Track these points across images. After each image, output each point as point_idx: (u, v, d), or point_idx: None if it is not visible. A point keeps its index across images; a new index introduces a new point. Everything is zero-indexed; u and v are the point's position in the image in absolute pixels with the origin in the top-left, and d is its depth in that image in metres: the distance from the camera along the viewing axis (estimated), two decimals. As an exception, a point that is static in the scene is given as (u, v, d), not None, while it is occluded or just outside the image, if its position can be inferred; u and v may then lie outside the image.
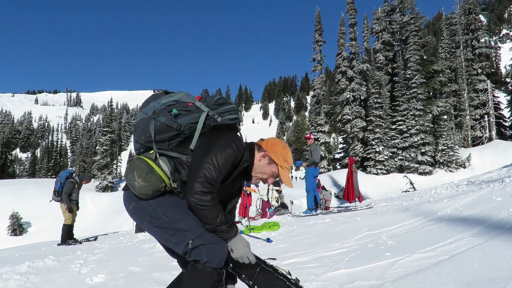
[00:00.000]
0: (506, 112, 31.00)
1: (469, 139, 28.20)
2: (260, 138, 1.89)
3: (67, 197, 7.74)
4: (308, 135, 9.33)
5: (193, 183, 1.54)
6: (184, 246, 1.56)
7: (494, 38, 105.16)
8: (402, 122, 25.83)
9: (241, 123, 1.88)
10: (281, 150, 1.78)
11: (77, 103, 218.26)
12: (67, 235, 7.92)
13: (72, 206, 7.91)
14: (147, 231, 1.70)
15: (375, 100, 26.50)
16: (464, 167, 23.76)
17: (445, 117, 26.94)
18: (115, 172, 41.17)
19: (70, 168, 73.82)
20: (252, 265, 1.68)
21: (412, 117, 25.42)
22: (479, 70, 28.91)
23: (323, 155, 27.76)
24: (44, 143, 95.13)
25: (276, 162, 1.76)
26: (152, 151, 1.68)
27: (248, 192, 9.02)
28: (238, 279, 1.80)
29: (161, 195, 1.64)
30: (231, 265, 1.71)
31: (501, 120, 29.93)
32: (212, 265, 1.53)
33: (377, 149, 25.04)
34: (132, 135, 1.82)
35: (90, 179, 8.45)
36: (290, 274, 1.77)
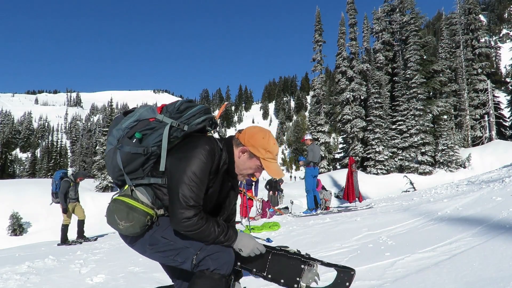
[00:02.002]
0: (506, 112, 30.99)
1: (469, 139, 28.20)
2: (238, 130, 1.72)
3: (63, 196, 7.77)
4: (303, 139, 9.29)
5: (174, 211, 1.46)
6: (190, 262, 1.52)
7: (494, 38, 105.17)
8: (402, 122, 25.83)
9: (214, 120, 1.70)
10: (260, 141, 1.61)
11: (77, 103, 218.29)
12: (66, 235, 7.97)
13: (71, 206, 7.95)
14: (151, 259, 1.64)
15: (375, 100, 26.50)
16: (464, 167, 23.75)
17: (445, 117, 26.93)
18: (115, 172, 41.20)
19: (70, 169, 73.95)
20: (262, 255, 1.64)
21: (412, 117, 25.42)
22: (479, 70, 28.90)
23: (323, 155, 27.76)
24: (44, 143, 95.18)
25: (256, 155, 1.61)
26: (126, 186, 1.58)
27: (248, 196, 9.03)
28: (243, 274, 1.77)
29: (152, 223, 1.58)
30: (238, 263, 1.67)
31: (501, 120, 29.91)
32: (221, 272, 1.50)
33: (377, 149, 25.03)
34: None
35: (85, 176, 8.52)
36: (299, 252, 1.73)
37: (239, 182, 1.86)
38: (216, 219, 1.60)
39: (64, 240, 7.88)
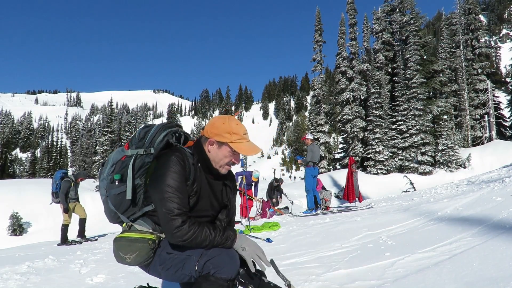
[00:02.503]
0: (506, 112, 30.97)
1: (469, 139, 28.19)
2: (201, 129, 1.77)
3: (64, 196, 7.77)
4: (303, 137, 9.32)
5: (165, 226, 1.54)
6: (194, 270, 1.54)
7: (494, 38, 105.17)
8: (402, 122, 25.83)
9: (176, 130, 1.74)
10: (221, 127, 1.64)
11: (77, 103, 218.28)
12: (66, 235, 7.96)
13: (71, 206, 7.95)
14: (168, 280, 1.70)
15: (375, 100, 26.50)
16: (464, 167, 23.74)
17: (445, 117, 26.93)
18: (115, 172, 41.15)
19: (70, 169, 73.91)
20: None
21: (412, 117, 25.41)
22: (479, 70, 28.89)
23: (323, 155, 27.76)
24: (44, 143, 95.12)
25: (223, 142, 1.63)
26: (124, 223, 1.70)
27: (248, 196, 9.03)
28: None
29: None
30: (241, 270, 1.67)
31: (501, 120, 29.91)
32: (222, 275, 1.50)
33: (377, 149, 25.03)
34: None
35: (86, 176, 8.52)
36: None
37: (239, 182, 1.88)
38: (210, 223, 1.64)
39: (64, 240, 7.88)
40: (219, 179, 1.75)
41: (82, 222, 8.21)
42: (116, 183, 1.64)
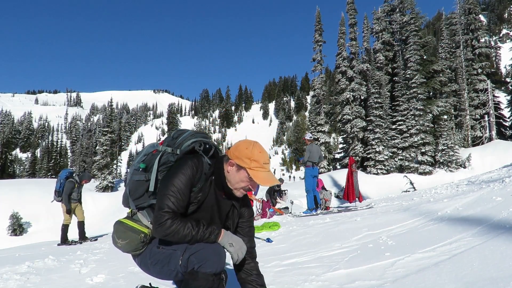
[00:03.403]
0: (506, 112, 30.97)
1: (469, 139, 28.19)
2: (228, 147, 1.83)
3: (67, 197, 7.75)
4: (303, 137, 9.35)
5: (153, 218, 1.63)
6: (178, 265, 1.59)
7: (494, 38, 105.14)
8: (402, 122, 25.82)
9: (204, 141, 1.82)
10: (244, 151, 1.66)
11: (77, 103, 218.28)
12: (66, 235, 7.96)
13: (72, 207, 7.94)
14: (155, 276, 1.77)
15: (375, 100, 26.49)
16: (464, 167, 23.74)
17: (445, 117, 26.91)
18: (115, 172, 41.14)
19: (70, 168, 73.78)
20: None
21: (412, 117, 25.41)
22: (479, 70, 28.88)
23: (323, 155, 27.75)
24: (44, 143, 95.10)
25: (242, 166, 1.65)
26: (130, 209, 1.82)
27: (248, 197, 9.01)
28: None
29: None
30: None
31: (501, 120, 29.90)
32: (205, 269, 1.52)
33: (377, 149, 25.02)
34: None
35: (90, 179, 8.50)
36: None
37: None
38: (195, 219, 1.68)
39: (64, 240, 7.87)
40: (230, 199, 1.78)
41: (81, 224, 8.19)
42: (140, 170, 1.77)
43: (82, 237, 8.15)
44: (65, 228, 7.95)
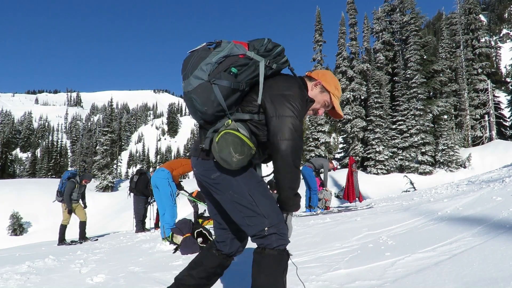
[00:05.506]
0: (506, 112, 30.99)
1: (469, 139, 28.19)
2: (307, 72, 1.82)
3: (68, 197, 7.77)
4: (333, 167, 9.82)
5: (282, 144, 1.50)
6: (257, 231, 1.56)
7: (494, 38, 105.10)
8: (402, 122, 25.83)
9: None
10: (332, 79, 1.77)
11: (77, 103, 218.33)
12: (63, 235, 7.98)
13: (72, 207, 7.95)
14: (223, 202, 1.65)
15: (375, 100, 26.49)
16: (464, 167, 23.75)
17: (445, 117, 26.92)
18: (115, 172, 41.15)
19: (72, 169, 73.87)
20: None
21: (412, 117, 25.41)
22: (479, 70, 28.89)
23: (323, 155, 27.75)
24: (44, 143, 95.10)
25: (328, 89, 1.74)
26: (230, 120, 1.54)
27: None
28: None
29: (244, 167, 1.58)
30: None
31: (501, 120, 29.91)
32: (281, 248, 1.56)
33: (377, 149, 25.03)
34: (187, 108, 1.65)
35: (91, 179, 8.51)
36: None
37: None
38: None
39: (62, 240, 7.88)
40: None
41: (82, 225, 8.21)
42: (231, 75, 1.52)
43: (83, 237, 8.17)
44: (62, 228, 7.96)
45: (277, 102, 1.55)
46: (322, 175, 9.30)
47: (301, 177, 8.88)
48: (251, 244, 1.70)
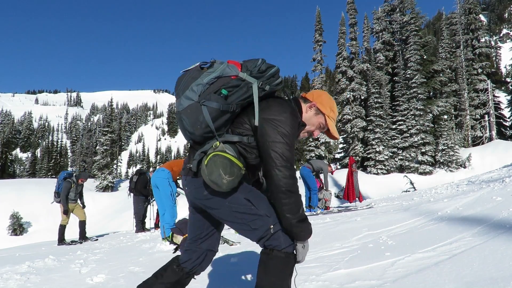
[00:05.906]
0: (506, 112, 30.99)
1: (469, 139, 28.19)
2: (302, 92, 1.80)
3: (65, 197, 7.77)
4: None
5: (276, 168, 1.48)
6: (263, 231, 1.53)
7: (494, 38, 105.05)
8: (402, 122, 25.84)
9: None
10: (327, 100, 1.74)
11: (77, 103, 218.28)
12: (63, 235, 7.97)
13: (70, 207, 7.94)
14: (221, 216, 1.62)
15: (375, 100, 26.50)
16: (464, 167, 23.75)
17: (445, 117, 26.93)
18: (115, 172, 41.14)
19: (70, 169, 73.91)
20: None
21: (412, 117, 25.41)
22: (479, 70, 28.89)
23: (323, 155, 27.76)
24: (44, 143, 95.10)
25: (323, 111, 1.72)
26: (218, 142, 1.52)
27: None
28: None
29: None
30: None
31: (501, 120, 29.92)
32: (289, 250, 1.54)
33: (377, 149, 25.03)
34: (179, 127, 1.62)
35: (87, 177, 8.49)
36: None
37: None
38: None
39: (61, 240, 7.88)
40: None
41: (82, 224, 8.21)
42: (221, 97, 1.50)
43: (83, 236, 8.17)
44: (62, 229, 7.96)
45: (268, 126, 1.51)
46: (321, 177, 9.31)
47: (299, 177, 8.92)
48: (251, 245, 1.69)
